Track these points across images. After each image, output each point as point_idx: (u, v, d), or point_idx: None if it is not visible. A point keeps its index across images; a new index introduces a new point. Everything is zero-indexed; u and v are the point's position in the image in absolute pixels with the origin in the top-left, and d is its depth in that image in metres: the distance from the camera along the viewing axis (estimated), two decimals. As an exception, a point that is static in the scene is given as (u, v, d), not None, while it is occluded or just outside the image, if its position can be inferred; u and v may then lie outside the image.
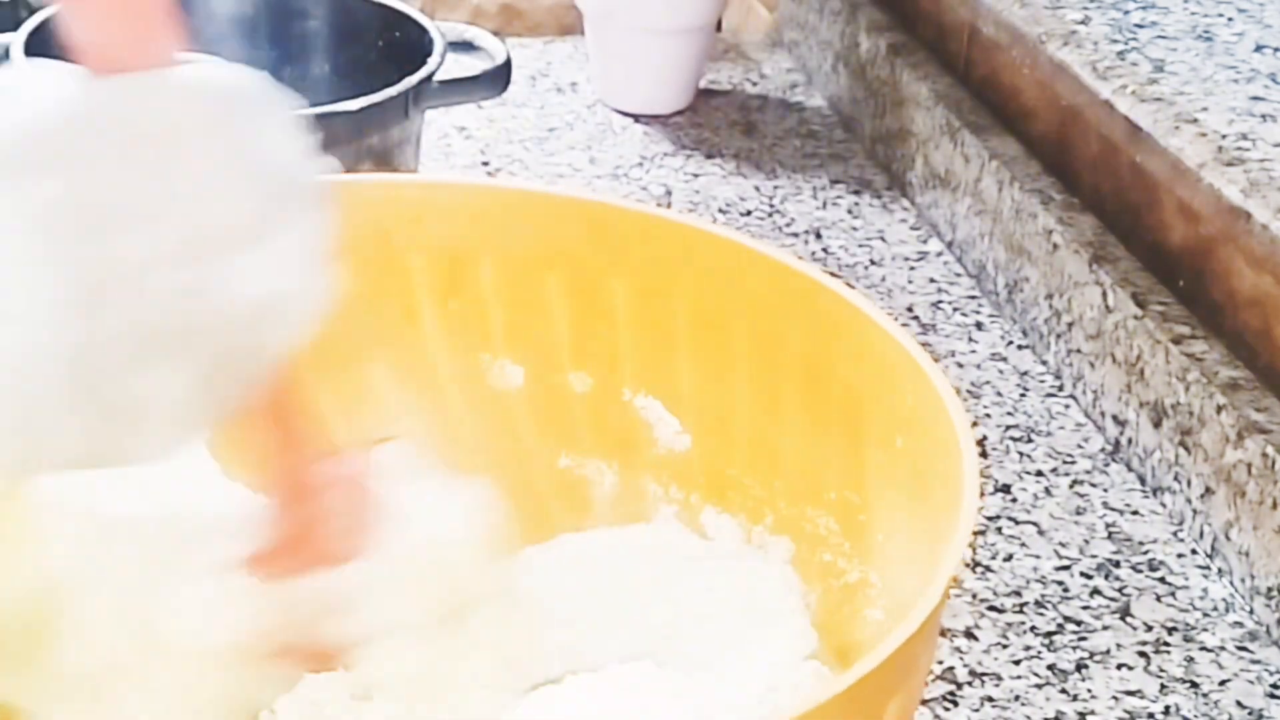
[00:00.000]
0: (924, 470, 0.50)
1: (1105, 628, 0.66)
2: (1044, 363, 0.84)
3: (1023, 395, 0.81)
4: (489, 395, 0.62)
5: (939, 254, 0.95)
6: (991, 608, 0.67)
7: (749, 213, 0.98)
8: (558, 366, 0.62)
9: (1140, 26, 0.81)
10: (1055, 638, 0.65)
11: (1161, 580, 0.69)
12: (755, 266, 0.58)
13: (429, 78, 0.84)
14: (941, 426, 0.49)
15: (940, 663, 0.64)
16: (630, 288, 0.60)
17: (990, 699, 0.62)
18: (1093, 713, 0.62)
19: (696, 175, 1.02)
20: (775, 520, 0.59)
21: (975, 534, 0.71)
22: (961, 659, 0.64)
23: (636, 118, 1.09)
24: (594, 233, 0.60)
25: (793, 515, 0.58)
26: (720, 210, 0.98)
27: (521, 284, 0.61)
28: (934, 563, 0.44)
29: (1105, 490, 0.75)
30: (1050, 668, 0.64)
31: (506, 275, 0.61)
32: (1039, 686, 0.63)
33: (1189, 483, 0.71)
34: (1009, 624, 0.66)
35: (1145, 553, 0.71)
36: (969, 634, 0.65)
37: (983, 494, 0.74)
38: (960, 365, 0.84)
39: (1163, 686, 0.63)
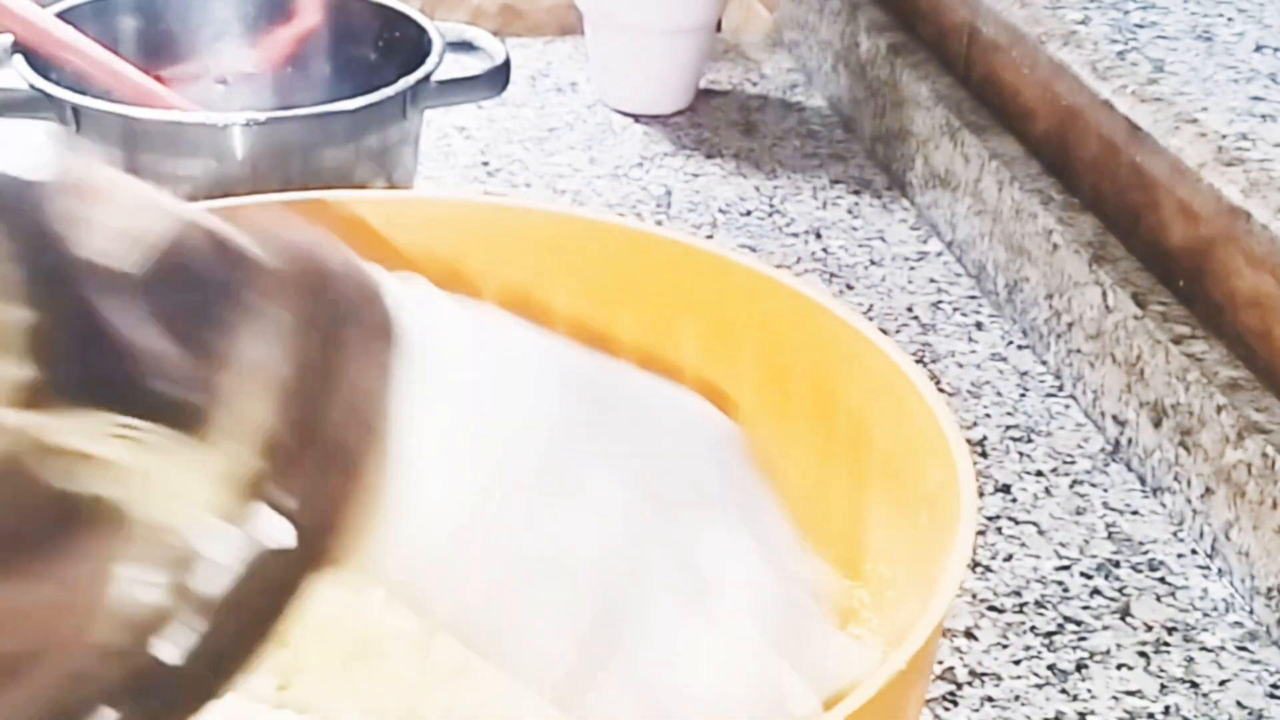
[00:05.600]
0: (938, 550, 0.49)
1: (1105, 628, 0.66)
2: (1044, 363, 0.84)
3: (1023, 395, 0.81)
4: None
5: (939, 254, 0.95)
6: (991, 608, 0.67)
7: (749, 213, 0.98)
8: None
9: (1140, 26, 0.81)
10: (1055, 638, 0.65)
11: (1161, 580, 0.69)
12: (813, 318, 0.56)
13: (427, 78, 0.84)
14: (953, 504, 0.48)
15: (940, 663, 0.64)
16: (699, 329, 0.59)
17: (990, 699, 0.62)
18: (1093, 713, 0.62)
19: (696, 175, 1.02)
20: None
21: (975, 534, 0.71)
22: (961, 659, 0.64)
23: (636, 118, 1.09)
24: (666, 269, 0.58)
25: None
26: (720, 210, 0.98)
27: (592, 315, 0.60)
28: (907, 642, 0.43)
29: (1105, 490, 0.74)
30: (1050, 668, 0.64)
31: (578, 305, 0.60)
32: (1039, 686, 0.63)
33: (1189, 483, 0.71)
34: (1009, 624, 0.66)
35: (1145, 553, 0.70)
36: (969, 634, 0.65)
37: (982, 494, 0.74)
38: (960, 365, 0.83)
39: (1163, 686, 0.63)
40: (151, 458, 0.31)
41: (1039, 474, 0.75)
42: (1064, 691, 0.62)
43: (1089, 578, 0.69)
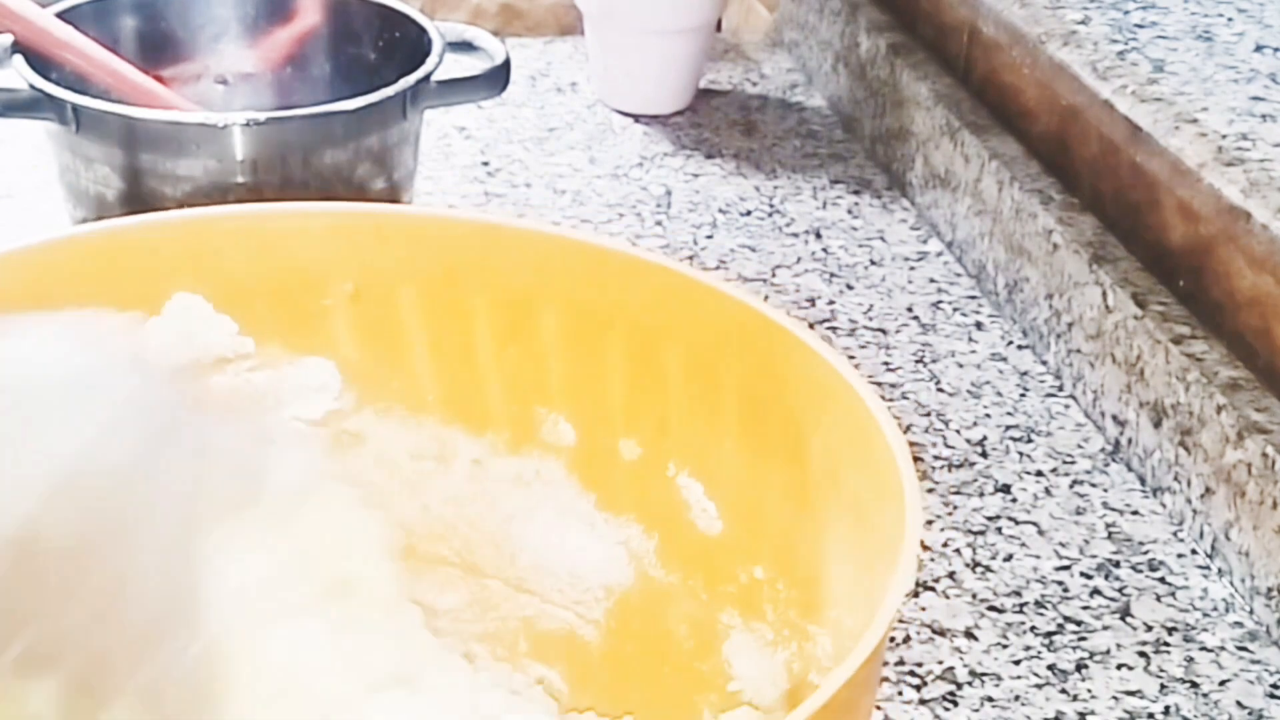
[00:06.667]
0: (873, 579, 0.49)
1: (1105, 628, 0.66)
2: (1044, 363, 0.84)
3: (1023, 395, 0.81)
4: (540, 449, 0.61)
5: (939, 254, 0.95)
6: (991, 608, 0.67)
7: (749, 213, 0.98)
8: (610, 430, 0.60)
9: (1140, 26, 0.81)
10: (1055, 638, 0.65)
11: (1161, 580, 0.69)
12: (789, 352, 0.55)
13: (427, 78, 0.84)
14: (896, 558, 0.47)
15: (940, 663, 0.64)
16: (683, 360, 0.58)
17: (990, 699, 0.62)
18: (1093, 713, 0.62)
19: (696, 175, 1.02)
20: (783, 629, 0.58)
21: (975, 534, 0.71)
22: (961, 659, 0.64)
23: (636, 118, 1.09)
24: (653, 295, 0.57)
25: (799, 628, 0.56)
26: (720, 210, 0.98)
27: (582, 339, 0.59)
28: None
29: (1105, 490, 0.75)
30: (1050, 668, 0.64)
31: (568, 328, 0.59)
32: (1039, 686, 0.63)
33: (1189, 483, 0.71)
34: (1009, 624, 0.66)
35: (1145, 553, 0.70)
36: (969, 634, 0.65)
37: (982, 494, 0.74)
38: (960, 365, 0.83)
39: (1163, 686, 0.63)
40: None
41: (1039, 474, 0.75)
42: (1064, 691, 0.62)
43: (1089, 578, 0.69)
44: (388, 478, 0.60)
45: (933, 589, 0.68)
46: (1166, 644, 0.65)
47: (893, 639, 0.65)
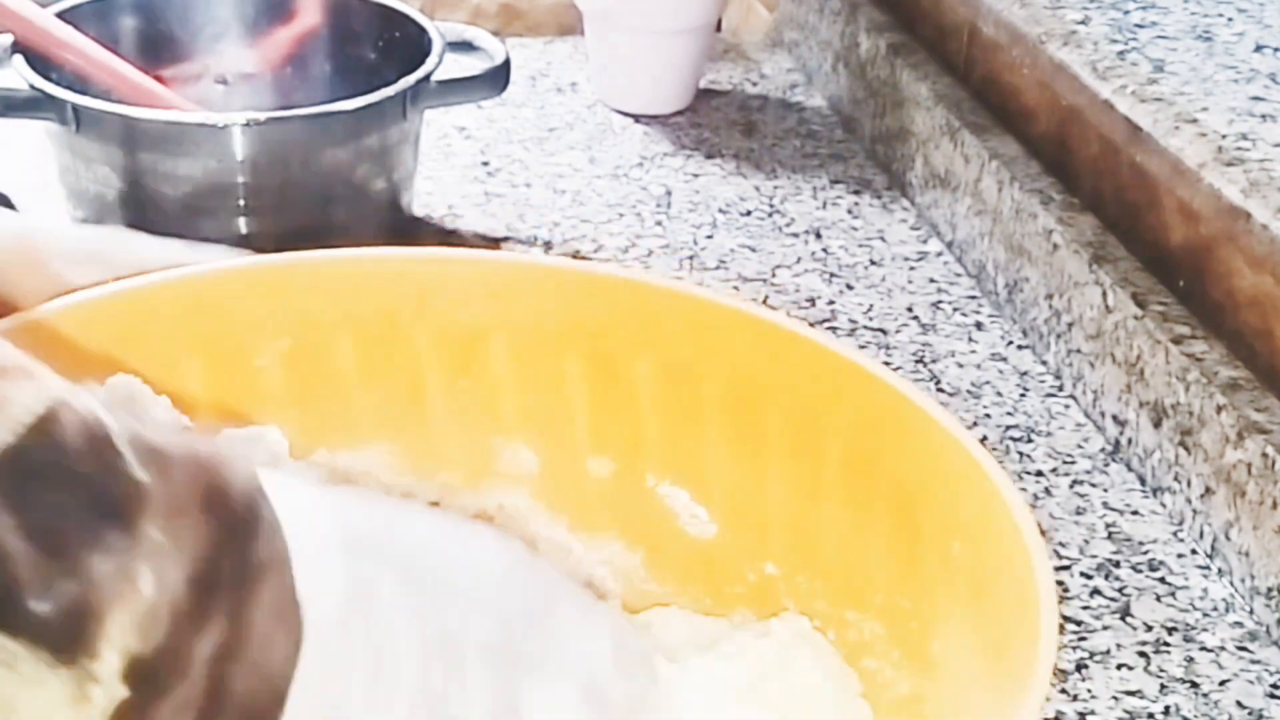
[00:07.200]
0: (986, 581, 0.46)
1: (1105, 628, 0.66)
2: (1044, 363, 0.84)
3: (1023, 395, 0.81)
4: (500, 481, 0.59)
5: (939, 254, 0.95)
6: (991, 608, 0.67)
7: (749, 213, 0.98)
8: (575, 450, 0.59)
9: (1140, 26, 0.81)
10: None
11: (1161, 580, 0.69)
12: (791, 348, 0.54)
13: (427, 77, 0.84)
14: (1006, 534, 0.45)
15: (940, 663, 0.64)
16: (655, 368, 0.57)
17: (990, 699, 0.62)
18: (1093, 713, 0.62)
19: (696, 175, 1.02)
20: (813, 620, 0.56)
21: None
22: (961, 659, 0.64)
23: (636, 118, 1.09)
24: (615, 309, 0.56)
25: (833, 617, 0.55)
26: (720, 210, 0.98)
27: (537, 363, 0.58)
28: (1003, 692, 0.40)
29: (1105, 490, 0.74)
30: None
31: (521, 353, 0.58)
32: (1039, 687, 0.63)
33: (1189, 483, 0.71)
34: (1009, 624, 0.66)
35: (1145, 553, 0.70)
36: (969, 634, 0.65)
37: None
38: (960, 365, 0.83)
39: (1163, 686, 0.63)
40: (7, 682, 0.29)
41: (1039, 474, 0.75)
42: (1064, 691, 0.62)
43: (1089, 578, 0.69)
44: None
45: (933, 589, 0.68)
46: (1166, 644, 0.65)
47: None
